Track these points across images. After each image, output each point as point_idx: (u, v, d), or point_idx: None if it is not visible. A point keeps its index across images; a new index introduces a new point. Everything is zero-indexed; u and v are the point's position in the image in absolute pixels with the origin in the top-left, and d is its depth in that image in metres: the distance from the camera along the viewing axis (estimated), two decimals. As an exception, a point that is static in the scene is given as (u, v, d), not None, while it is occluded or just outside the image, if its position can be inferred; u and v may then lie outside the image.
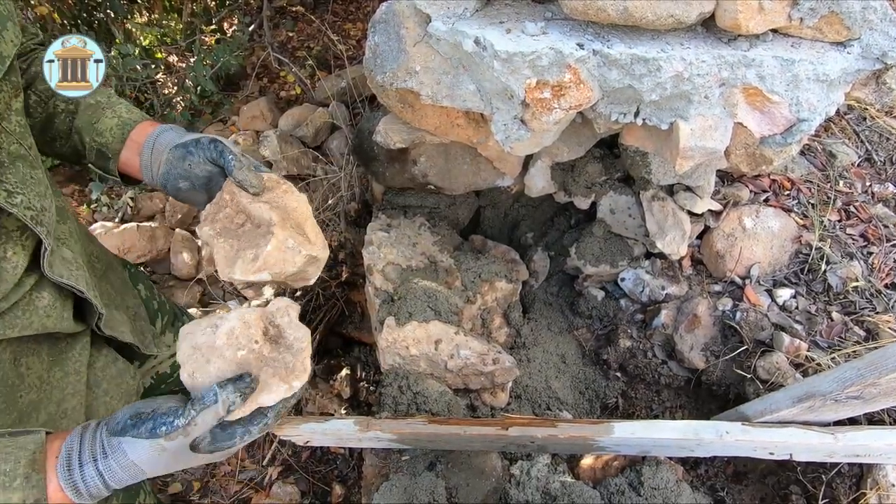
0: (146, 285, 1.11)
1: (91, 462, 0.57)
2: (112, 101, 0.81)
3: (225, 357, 0.59)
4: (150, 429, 0.56)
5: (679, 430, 1.15)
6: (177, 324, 1.18)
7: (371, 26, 1.19)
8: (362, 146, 1.64)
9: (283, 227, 0.70)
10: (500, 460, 1.32)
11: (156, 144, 0.77)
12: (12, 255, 0.65)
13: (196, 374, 0.59)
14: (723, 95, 1.04)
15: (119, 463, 0.57)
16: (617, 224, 1.59)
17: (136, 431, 0.56)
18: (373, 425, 1.19)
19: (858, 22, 0.98)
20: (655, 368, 1.51)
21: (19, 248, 0.66)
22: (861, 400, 1.00)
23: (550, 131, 1.20)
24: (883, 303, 1.38)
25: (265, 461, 1.64)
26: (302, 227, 0.73)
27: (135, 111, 0.82)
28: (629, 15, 0.93)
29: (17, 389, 0.71)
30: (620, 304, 1.64)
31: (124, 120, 0.79)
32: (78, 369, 0.80)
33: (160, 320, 1.11)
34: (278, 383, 0.60)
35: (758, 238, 1.48)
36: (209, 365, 0.59)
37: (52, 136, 0.81)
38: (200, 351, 0.59)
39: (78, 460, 0.57)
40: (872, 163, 1.71)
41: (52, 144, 0.82)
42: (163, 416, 0.57)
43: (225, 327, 0.60)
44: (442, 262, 1.53)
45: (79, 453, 0.58)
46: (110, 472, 0.57)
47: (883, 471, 1.19)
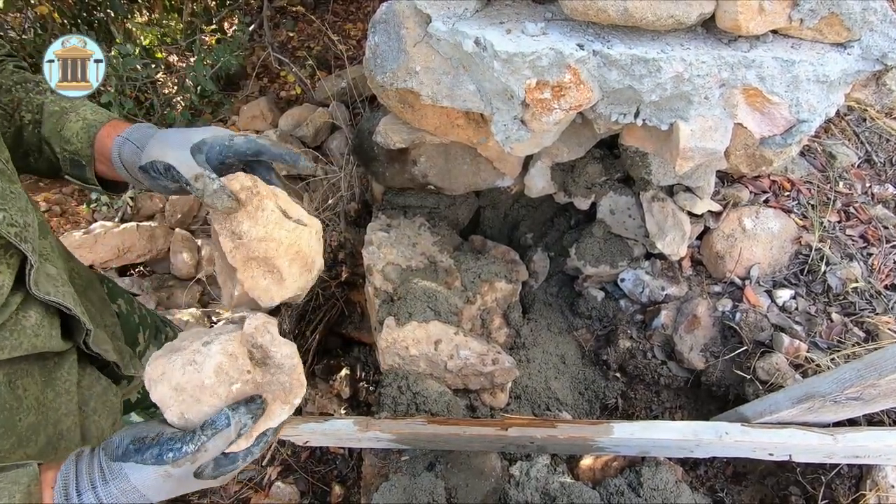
0: (126, 299, 1.07)
1: (90, 489, 0.55)
2: (76, 104, 0.75)
3: (219, 395, 0.56)
4: (157, 454, 0.54)
5: (678, 430, 1.15)
6: (160, 336, 1.14)
7: (371, 26, 1.19)
8: (362, 146, 1.64)
9: (246, 274, 0.65)
10: (500, 461, 1.32)
11: (123, 159, 0.73)
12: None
13: (187, 414, 0.56)
14: (723, 96, 1.04)
15: (120, 488, 0.55)
16: (617, 224, 1.59)
17: (140, 457, 0.54)
18: (372, 425, 1.19)
19: (858, 23, 0.98)
20: (655, 369, 1.51)
21: (4, 267, 0.63)
22: (861, 401, 1.00)
23: (550, 132, 1.20)
24: (882, 304, 1.38)
25: (264, 461, 1.64)
26: (273, 264, 0.66)
27: (100, 111, 0.76)
28: (629, 15, 0.93)
29: (16, 412, 0.69)
30: (620, 304, 1.64)
31: (89, 122, 0.74)
32: (68, 389, 0.77)
33: (142, 334, 1.08)
34: (280, 406, 0.58)
35: (758, 239, 1.48)
36: (201, 405, 0.56)
37: (24, 151, 0.77)
38: (186, 392, 0.56)
39: (76, 489, 0.55)
40: (872, 164, 1.71)
41: (27, 160, 0.78)
42: (169, 442, 0.54)
43: (211, 364, 0.56)
44: (442, 263, 1.53)
45: (76, 482, 0.56)
46: (110, 497, 0.55)
47: (882, 472, 1.19)
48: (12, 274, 0.63)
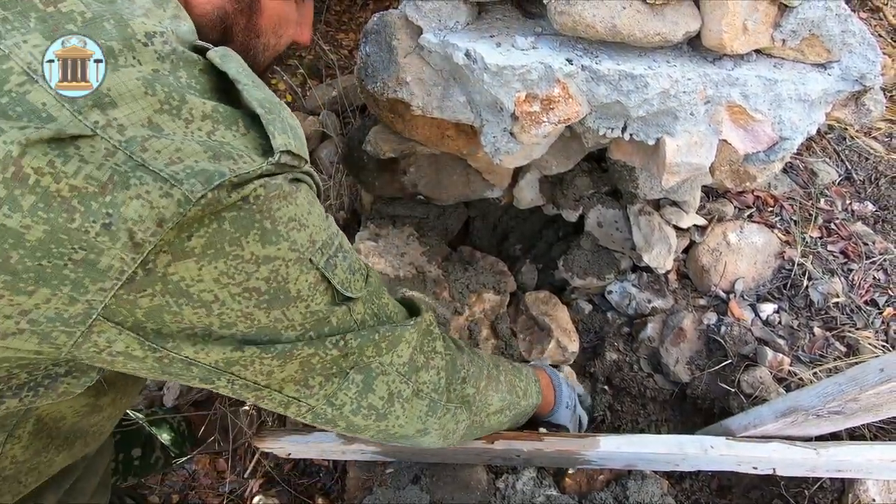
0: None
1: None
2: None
3: None
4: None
5: (664, 444, 1.15)
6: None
7: (363, 36, 1.20)
8: (352, 155, 1.64)
9: None
10: (486, 474, 1.31)
11: None
12: None
13: None
14: (708, 113, 1.06)
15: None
16: (604, 237, 1.61)
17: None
18: (357, 438, 1.17)
19: (838, 44, 1.01)
20: (641, 381, 1.51)
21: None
22: (842, 415, 1.01)
23: (540, 144, 1.21)
24: (863, 318, 1.40)
25: (246, 473, 1.61)
26: None
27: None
28: (617, 32, 0.94)
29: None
30: (607, 316, 1.64)
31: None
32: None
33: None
34: None
35: (742, 253, 1.50)
36: None
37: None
38: None
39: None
40: (852, 181, 1.75)
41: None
42: None
43: None
44: (430, 273, 1.52)
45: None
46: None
47: (864, 485, 1.20)
48: None
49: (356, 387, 0.66)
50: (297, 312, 0.56)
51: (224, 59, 0.53)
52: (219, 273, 0.49)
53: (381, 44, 1.17)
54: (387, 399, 0.70)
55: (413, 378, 0.72)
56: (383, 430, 0.74)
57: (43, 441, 0.65)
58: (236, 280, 0.50)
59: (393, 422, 0.73)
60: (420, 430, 0.78)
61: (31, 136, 0.40)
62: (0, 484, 0.64)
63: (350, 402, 0.67)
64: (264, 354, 0.56)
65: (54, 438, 0.67)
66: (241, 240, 0.49)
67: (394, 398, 0.71)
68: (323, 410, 0.67)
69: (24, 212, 0.41)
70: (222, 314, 0.52)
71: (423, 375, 0.74)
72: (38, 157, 0.41)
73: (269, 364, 0.57)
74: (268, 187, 0.50)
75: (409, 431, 0.76)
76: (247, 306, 0.52)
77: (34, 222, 0.42)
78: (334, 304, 0.61)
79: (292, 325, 0.57)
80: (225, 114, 0.50)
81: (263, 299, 0.53)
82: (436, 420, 0.78)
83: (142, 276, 0.46)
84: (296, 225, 0.53)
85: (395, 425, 0.73)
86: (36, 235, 0.42)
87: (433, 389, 0.76)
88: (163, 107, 0.46)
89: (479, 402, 0.89)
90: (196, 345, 0.52)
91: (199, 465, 1.64)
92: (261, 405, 0.64)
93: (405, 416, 0.73)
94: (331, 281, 0.59)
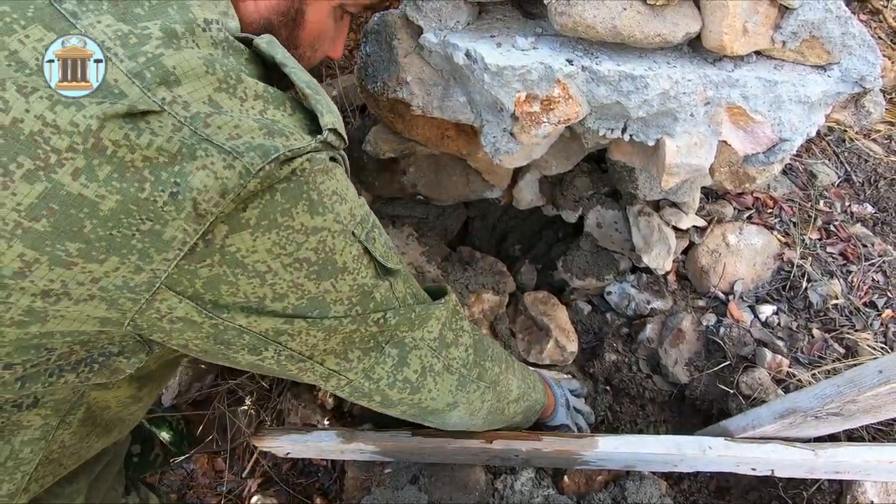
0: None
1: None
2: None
3: None
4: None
5: (663, 444, 1.15)
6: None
7: (363, 36, 1.20)
8: (351, 155, 1.64)
9: None
10: (485, 474, 1.31)
11: None
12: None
13: None
14: (708, 114, 1.06)
15: None
16: (604, 238, 1.61)
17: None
18: (356, 437, 1.17)
19: (838, 46, 1.01)
20: (640, 382, 1.51)
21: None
22: (841, 417, 1.01)
23: (539, 144, 1.21)
24: (862, 320, 1.40)
25: (244, 473, 1.61)
26: None
27: None
28: (618, 33, 0.94)
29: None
30: (607, 317, 1.64)
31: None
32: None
33: None
34: None
35: (741, 254, 1.50)
36: None
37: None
38: None
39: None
40: (851, 183, 1.75)
41: None
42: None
43: None
44: (429, 273, 1.52)
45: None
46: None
47: (861, 487, 1.20)
48: None
49: (392, 360, 0.71)
50: (346, 284, 0.60)
51: (270, 45, 0.57)
52: (272, 244, 0.52)
53: (382, 43, 1.17)
54: (420, 373, 0.74)
55: (444, 353, 0.77)
56: (416, 404, 0.78)
57: (88, 428, 0.70)
58: (287, 251, 0.53)
59: (426, 395, 0.77)
60: (450, 404, 0.83)
61: (108, 110, 0.43)
62: (45, 466, 0.67)
63: (387, 375, 0.71)
64: (311, 328, 0.59)
65: (97, 426, 0.71)
66: (292, 210, 0.52)
67: (426, 372, 0.75)
68: (360, 384, 0.71)
69: (100, 181, 0.44)
70: (275, 284, 0.54)
71: (453, 351, 0.79)
72: (114, 131, 0.43)
73: (315, 336, 0.60)
74: (313, 161, 0.53)
75: (440, 405, 0.81)
76: (297, 277, 0.55)
77: (108, 192, 0.44)
78: (378, 278, 0.64)
79: (340, 298, 0.60)
80: (275, 94, 0.54)
81: (313, 270, 0.56)
82: (465, 395, 0.83)
83: (202, 247, 0.48)
84: (338, 199, 0.56)
85: (428, 398, 0.78)
86: (109, 206, 0.44)
87: (462, 364, 0.81)
88: (221, 85, 0.49)
89: (502, 384, 0.94)
90: (249, 316, 0.55)
91: (197, 465, 1.64)
92: (303, 378, 0.67)
93: (437, 389, 0.78)
94: (372, 254, 0.62)
